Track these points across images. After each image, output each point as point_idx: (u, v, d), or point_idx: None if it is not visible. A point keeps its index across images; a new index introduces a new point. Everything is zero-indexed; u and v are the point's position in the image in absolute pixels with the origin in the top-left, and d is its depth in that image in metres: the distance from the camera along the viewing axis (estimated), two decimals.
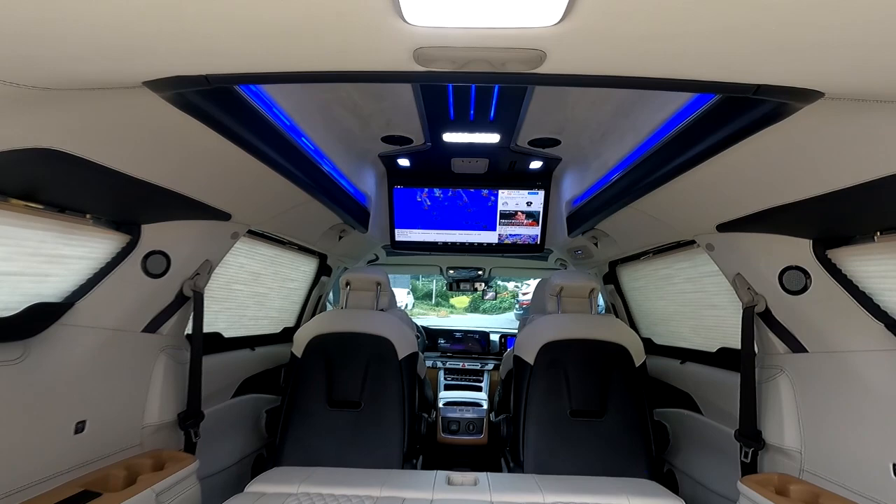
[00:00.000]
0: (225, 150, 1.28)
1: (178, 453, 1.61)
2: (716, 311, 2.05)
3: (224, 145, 1.25)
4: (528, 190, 2.90)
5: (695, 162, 1.32)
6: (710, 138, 1.21)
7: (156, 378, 1.59)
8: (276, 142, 1.45)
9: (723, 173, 1.33)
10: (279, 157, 1.49)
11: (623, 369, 2.11)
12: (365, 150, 2.38)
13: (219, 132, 1.16)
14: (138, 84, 0.88)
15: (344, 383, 2.14)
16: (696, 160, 1.31)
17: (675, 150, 1.39)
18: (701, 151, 1.27)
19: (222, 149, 1.26)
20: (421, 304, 20.71)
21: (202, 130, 1.13)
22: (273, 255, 2.38)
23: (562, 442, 2.02)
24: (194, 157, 1.27)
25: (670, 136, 1.40)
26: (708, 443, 2.10)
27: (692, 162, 1.33)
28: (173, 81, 0.87)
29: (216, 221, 1.64)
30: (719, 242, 1.65)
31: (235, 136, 1.23)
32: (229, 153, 1.30)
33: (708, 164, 1.29)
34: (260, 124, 1.32)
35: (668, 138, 1.42)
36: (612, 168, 1.91)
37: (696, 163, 1.32)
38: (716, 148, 1.21)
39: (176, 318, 1.66)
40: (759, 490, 1.40)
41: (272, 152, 1.43)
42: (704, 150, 1.25)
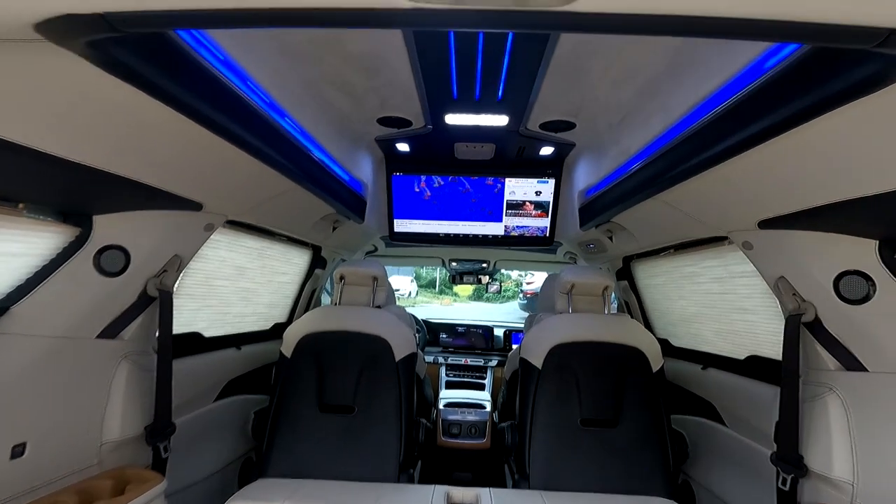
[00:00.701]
0: (185, 129, 1.08)
1: (143, 472, 1.43)
2: (747, 316, 1.85)
3: (183, 123, 1.05)
4: (537, 178, 2.69)
5: (741, 148, 1.11)
6: (767, 118, 0.99)
7: (116, 389, 1.41)
8: (250, 121, 1.24)
9: (774, 161, 1.11)
10: (254, 139, 1.28)
11: (639, 374, 1.92)
12: (360, 134, 2.17)
13: (169, 104, 0.96)
14: (30, 30, 0.67)
15: (336, 386, 1.98)
16: (743, 146, 1.10)
17: (716, 134, 1.17)
18: (752, 135, 1.05)
19: (182, 127, 1.06)
20: (425, 292, 20.64)
21: (148, 103, 0.93)
22: (259, 247, 2.19)
23: (571, 453, 1.85)
24: (147, 136, 1.07)
25: (710, 116, 1.18)
26: (732, 458, 1.92)
27: (738, 148, 1.12)
28: (67, 23, 0.66)
29: (185, 212, 1.44)
30: (760, 241, 1.44)
31: (193, 112, 1.03)
32: (191, 133, 1.10)
33: (759, 149, 1.08)
34: (226, 98, 1.11)
35: (707, 120, 1.20)
36: (634, 155, 1.70)
37: (744, 149, 1.11)
38: (774, 130, 0.99)
39: (140, 320, 1.48)
40: None
41: (245, 133, 1.23)
42: (758, 132, 1.03)
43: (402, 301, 17.27)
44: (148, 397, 1.50)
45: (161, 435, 1.51)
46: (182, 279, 1.75)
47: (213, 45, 1.06)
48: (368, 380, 1.98)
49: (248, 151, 1.29)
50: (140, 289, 1.45)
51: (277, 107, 1.41)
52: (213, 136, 1.15)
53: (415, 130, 2.14)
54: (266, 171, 1.47)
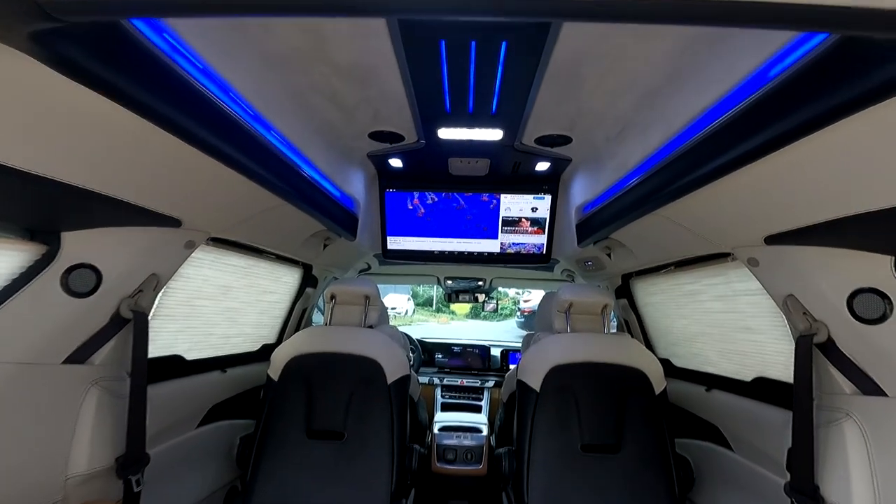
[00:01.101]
0: (161, 141, 1.01)
1: None
2: (753, 336, 1.77)
3: (158, 135, 0.98)
4: (533, 194, 2.63)
5: (747, 159, 1.05)
6: (774, 127, 0.93)
7: (84, 418, 1.32)
8: (232, 132, 1.18)
9: (782, 172, 1.05)
10: (236, 152, 1.22)
11: (641, 397, 1.84)
12: (351, 149, 2.11)
13: (140, 113, 0.89)
14: None
15: (325, 411, 1.88)
16: (748, 157, 1.04)
17: (719, 145, 1.12)
18: (758, 146, 0.99)
19: (156, 139, 1.00)
20: (422, 311, 20.50)
21: (118, 112, 0.87)
22: (246, 265, 2.11)
23: (572, 480, 1.75)
24: (119, 148, 1.00)
25: (713, 127, 1.13)
26: (740, 484, 1.83)
27: (743, 160, 1.06)
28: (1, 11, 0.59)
29: (162, 228, 1.37)
30: (766, 257, 1.37)
31: (168, 122, 0.96)
32: (167, 145, 1.03)
33: (765, 161, 1.02)
34: (204, 108, 1.05)
35: (709, 131, 1.14)
36: (633, 169, 1.64)
37: (749, 160, 1.05)
38: (781, 139, 0.93)
39: (113, 344, 1.39)
40: None
41: (226, 145, 1.17)
42: (764, 143, 0.97)
43: (399, 319, 17.13)
44: (120, 426, 1.40)
45: (133, 467, 1.41)
46: (161, 299, 1.67)
47: (188, 51, 1.00)
48: (359, 404, 1.90)
49: (229, 165, 1.23)
50: (113, 310, 1.36)
51: (262, 119, 1.35)
52: (191, 149, 1.08)
53: (407, 145, 2.09)
54: (251, 187, 1.40)
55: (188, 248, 1.51)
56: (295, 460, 1.81)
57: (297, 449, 1.83)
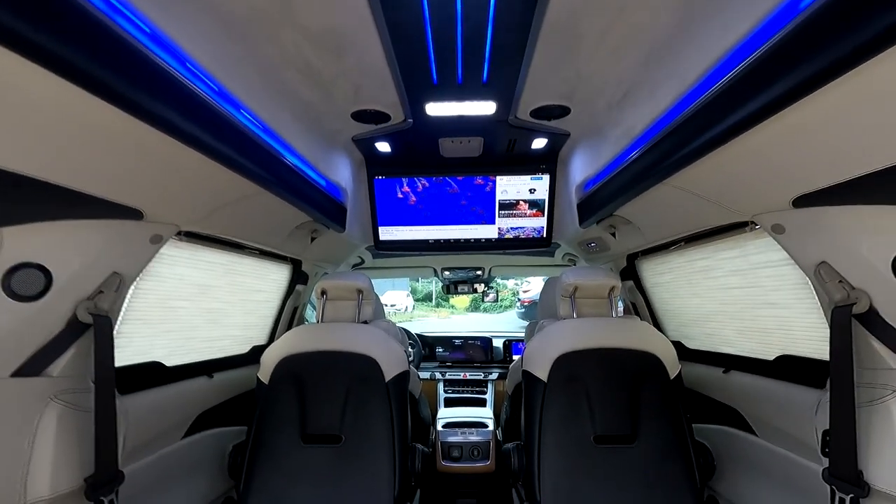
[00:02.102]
0: (111, 120, 0.87)
1: None
2: (775, 311, 1.65)
3: (107, 112, 0.84)
4: (530, 175, 2.49)
5: (772, 110, 0.92)
6: (804, 67, 0.80)
7: (43, 436, 1.17)
8: (192, 110, 1.04)
9: (815, 121, 0.92)
10: (200, 132, 1.08)
11: (656, 383, 1.72)
12: (333, 132, 1.97)
13: (85, 87, 0.76)
14: None
15: (320, 413, 1.75)
16: (774, 106, 0.91)
17: (740, 96, 0.98)
18: (787, 92, 0.86)
19: (106, 117, 0.86)
20: (421, 306, 20.40)
21: (60, 87, 0.74)
22: (226, 262, 1.97)
23: (586, 475, 1.63)
24: (64, 129, 0.86)
25: (733, 75, 0.99)
26: (766, 470, 1.71)
27: (768, 110, 0.93)
28: None
29: (122, 221, 1.22)
30: (794, 222, 1.24)
31: (117, 97, 0.83)
32: (118, 124, 0.89)
33: (795, 109, 0.89)
34: (158, 81, 0.91)
35: (729, 80, 1.01)
36: (638, 137, 1.51)
37: (775, 110, 0.91)
38: (814, 82, 0.80)
39: (73, 352, 1.25)
40: None
41: (187, 124, 1.02)
42: (794, 87, 0.84)
43: (399, 316, 17.01)
44: (89, 443, 1.27)
45: (105, 487, 1.27)
46: (131, 301, 1.53)
47: (133, 13, 0.86)
48: (356, 404, 1.77)
49: (194, 147, 1.09)
50: (68, 314, 1.22)
51: (228, 95, 1.20)
52: (147, 129, 0.94)
53: (394, 126, 1.95)
54: (220, 172, 1.26)
55: (155, 244, 1.36)
56: (290, 468, 1.69)
57: (292, 456, 1.70)
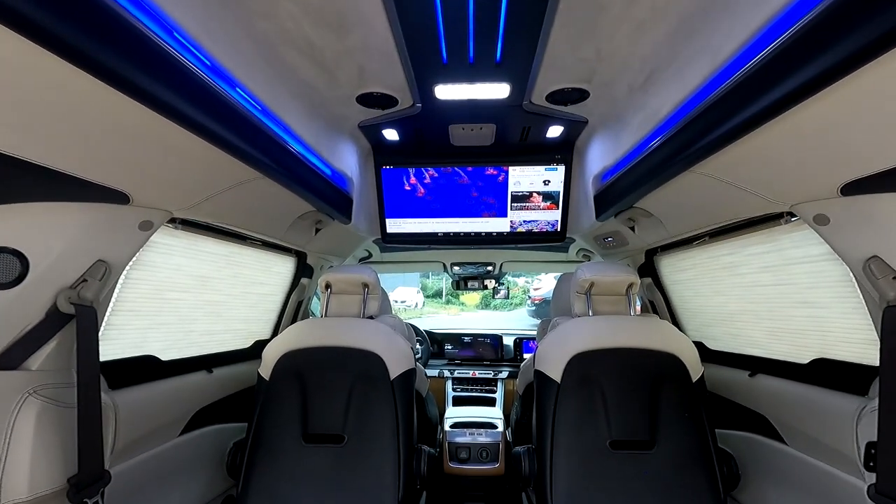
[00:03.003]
0: (90, 94, 0.79)
1: None
2: (810, 311, 1.53)
3: (87, 85, 0.76)
4: (544, 165, 2.38)
5: (819, 85, 0.80)
6: (864, 30, 0.69)
7: (21, 433, 1.10)
8: (182, 85, 0.95)
9: (868, 98, 0.80)
10: (190, 109, 0.99)
11: (677, 385, 1.61)
12: (338, 118, 1.87)
13: (65, 57, 0.69)
14: None
15: (322, 412, 1.68)
16: (822, 81, 0.79)
17: (784, 69, 0.86)
18: (835, 65, 0.75)
19: (85, 90, 0.78)
20: (431, 303, 20.36)
21: (36, 55, 0.66)
22: (227, 253, 1.89)
23: (601, 482, 1.53)
24: (40, 102, 0.78)
25: (776, 46, 0.87)
26: (797, 482, 1.59)
27: (814, 86, 0.81)
28: None
29: (106, 205, 1.14)
30: (841, 212, 1.12)
31: (99, 68, 0.74)
32: (100, 97, 0.81)
33: (847, 84, 0.78)
34: (144, 52, 0.82)
35: (770, 52, 0.89)
36: (664, 121, 1.39)
37: (821, 86, 0.80)
38: (873, 48, 0.69)
39: (54, 344, 1.17)
40: None
41: (175, 99, 0.93)
42: (843, 60, 0.73)
43: (409, 312, 16.98)
44: (72, 441, 1.19)
45: (89, 488, 1.20)
46: (121, 292, 1.45)
47: None
48: (360, 403, 1.69)
49: (182, 125, 1.00)
50: (48, 304, 1.14)
51: (221, 70, 1.12)
52: (130, 103, 0.85)
53: (402, 111, 1.85)
54: (213, 155, 1.17)
55: (144, 230, 1.28)
56: (290, 469, 1.61)
57: (293, 456, 1.63)
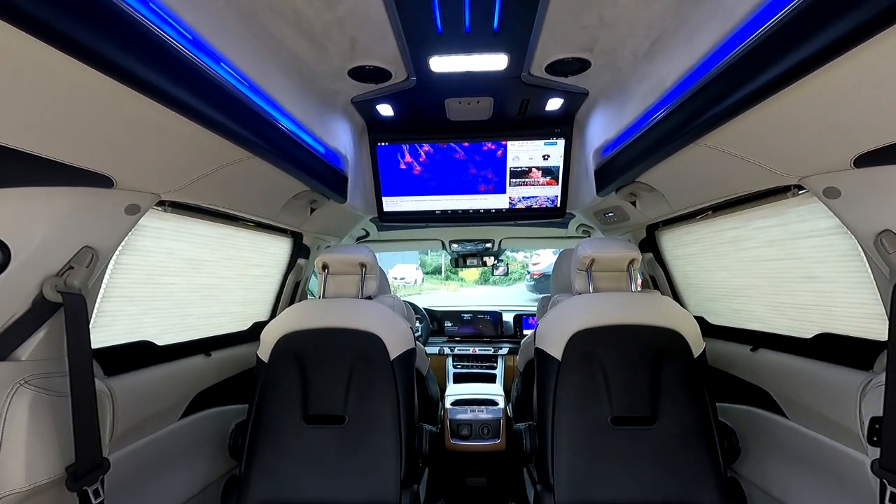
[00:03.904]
0: (64, 71, 0.74)
1: None
2: (815, 286, 1.50)
3: (65, 63, 0.71)
4: (544, 140, 2.32)
5: (837, 50, 0.75)
6: None
7: (14, 424, 1.08)
8: (161, 61, 0.89)
9: (889, 65, 0.76)
10: (173, 87, 0.93)
11: (678, 361, 1.60)
12: (330, 93, 1.81)
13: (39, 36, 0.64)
14: None
15: (323, 393, 1.67)
16: (841, 46, 0.74)
17: (798, 35, 0.81)
18: (853, 29, 0.70)
19: (58, 67, 0.73)
20: (430, 279, 20.44)
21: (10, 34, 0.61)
22: (220, 235, 1.85)
23: (603, 458, 1.54)
24: (15, 81, 0.73)
25: (791, 9, 0.81)
26: (797, 455, 1.60)
27: (832, 51, 0.76)
28: None
29: (89, 189, 1.10)
30: (853, 184, 1.08)
31: (75, 46, 0.69)
32: (77, 76, 0.76)
33: (868, 48, 0.73)
34: (120, 28, 0.76)
35: (785, 15, 0.83)
36: (670, 90, 1.33)
37: (839, 52, 0.75)
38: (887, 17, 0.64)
39: (43, 333, 1.14)
40: None
41: (153, 76, 0.88)
42: (862, 24, 0.68)
43: (409, 289, 17.05)
44: (68, 430, 1.18)
45: (88, 476, 1.19)
46: (111, 277, 1.42)
47: None
48: (360, 384, 1.68)
49: (164, 104, 0.95)
50: (34, 293, 1.11)
51: (203, 44, 1.05)
52: (109, 82, 0.80)
53: (397, 85, 1.78)
54: (200, 135, 1.12)
55: (131, 214, 1.24)
56: (292, 450, 1.62)
57: (294, 437, 1.63)
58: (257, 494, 1.56)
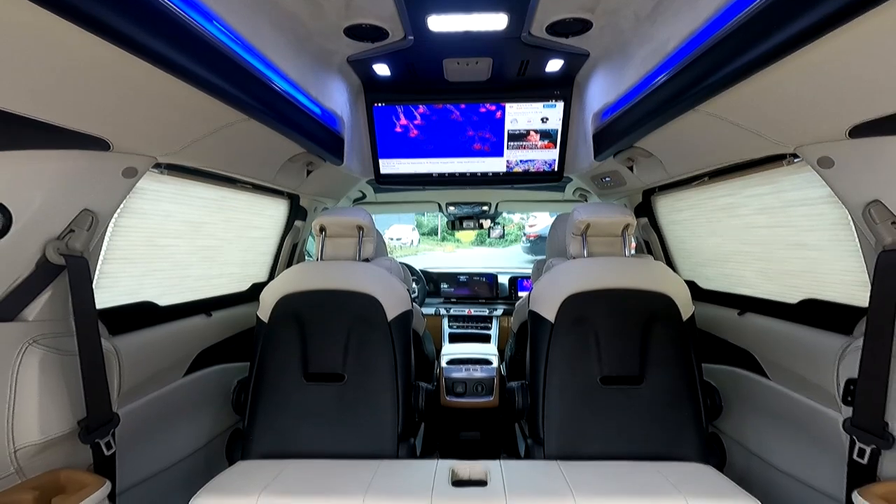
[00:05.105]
0: (63, 34, 0.73)
1: (80, 475, 1.18)
2: (804, 253, 1.53)
3: (58, 25, 0.70)
4: (542, 102, 2.29)
5: (840, 18, 0.75)
6: None
7: (26, 381, 1.13)
8: (154, 22, 0.87)
9: (887, 36, 0.75)
10: (166, 48, 0.91)
11: (668, 324, 1.64)
12: (326, 53, 1.77)
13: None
14: None
15: (322, 352, 1.71)
16: (843, 14, 0.74)
17: (801, 2, 0.80)
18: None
19: (58, 30, 0.71)
20: (427, 240, 20.45)
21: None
22: (218, 197, 1.85)
23: (591, 415, 1.60)
24: (10, 45, 0.72)
25: None
26: (773, 412, 1.68)
27: (835, 18, 0.76)
28: None
29: (86, 152, 1.10)
30: (847, 154, 1.09)
31: (68, 8, 0.68)
32: (71, 39, 0.74)
33: (870, 17, 0.72)
34: None
35: None
36: (670, 55, 1.32)
37: (843, 20, 0.75)
38: None
39: (48, 295, 1.17)
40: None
41: (149, 39, 0.86)
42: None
43: (405, 250, 17.10)
44: (78, 386, 1.22)
45: (99, 430, 1.25)
46: (111, 240, 1.43)
47: None
48: (358, 344, 1.72)
49: (155, 64, 0.93)
50: (37, 255, 1.13)
51: (196, 3, 1.03)
52: (101, 43, 0.79)
53: (394, 45, 1.74)
54: (194, 97, 1.11)
55: (129, 177, 1.24)
56: (293, 405, 1.68)
57: (295, 394, 1.68)
58: (260, 447, 1.63)
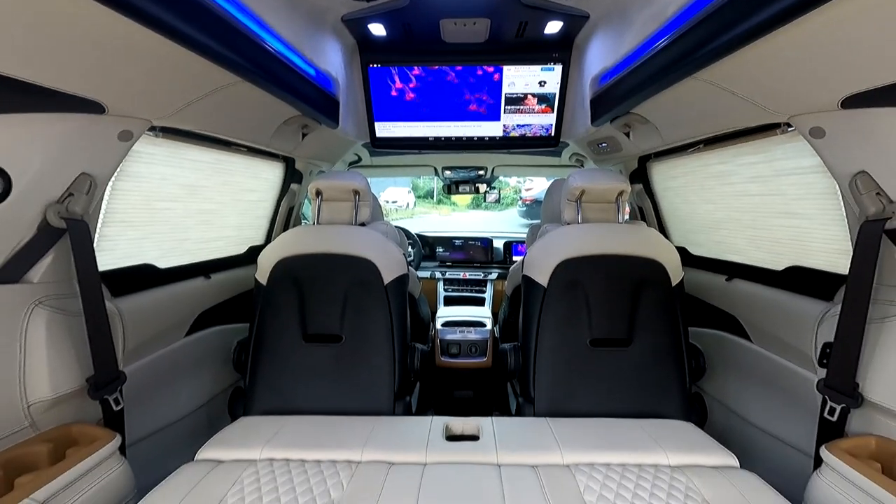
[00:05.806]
0: None
1: (92, 429, 1.23)
2: (792, 221, 1.56)
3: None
4: (541, 65, 2.25)
5: None
6: None
7: (34, 341, 1.16)
8: None
9: (880, 9, 0.76)
10: (158, 9, 0.90)
11: (657, 289, 1.69)
12: (320, 11, 1.73)
13: None
14: None
15: (320, 314, 1.76)
16: None
17: None
18: None
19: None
20: (423, 203, 20.33)
21: None
22: (213, 160, 1.84)
23: (580, 376, 1.68)
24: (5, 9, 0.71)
25: None
26: (754, 373, 1.76)
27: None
28: None
29: (81, 115, 1.09)
30: (838, 125, 1.10)
31: None
32: (63, 1, 0.74)
33: None
34: None
35: None
36: (670, 20, 1.30)
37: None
38: None
39: (51, 257, 1.19)
40: (864, 470, 1.03)
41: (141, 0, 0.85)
42: None
43: (401, 213, 17.02)
44: (84, 346, 1.26)
45: (107, 387, 1.30)
46: (109, 203, 1.44)
47: None
48: (355, 306, 1.76)
49: (151, 27, 0.92)
50: (38, 219, 1.14)
51: None
52: (97, 7, 0.77)
53: (389, 3, 1.70)
54: (187, 59, 1.09)
55: (125, 140, 1.24)
56: (293, 365, 1.73)
57: (294, 354, 1.74)
58: (262, 404, 1.70)
